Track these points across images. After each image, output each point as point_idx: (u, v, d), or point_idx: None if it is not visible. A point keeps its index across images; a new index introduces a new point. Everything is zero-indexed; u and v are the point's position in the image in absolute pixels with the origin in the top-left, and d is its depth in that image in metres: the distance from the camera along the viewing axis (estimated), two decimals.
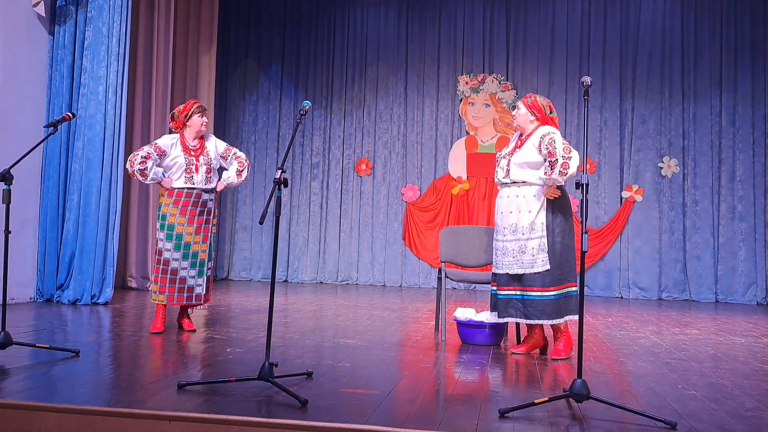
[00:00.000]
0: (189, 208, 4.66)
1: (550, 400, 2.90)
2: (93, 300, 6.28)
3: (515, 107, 4.33)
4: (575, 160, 3.96)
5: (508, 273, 4.18)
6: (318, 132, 10.25)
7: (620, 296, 9.34)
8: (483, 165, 9.70)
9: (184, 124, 4.74)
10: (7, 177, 3.66)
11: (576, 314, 4.08)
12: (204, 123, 4.76)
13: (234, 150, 4.92)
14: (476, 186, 9.77)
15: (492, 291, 4.34)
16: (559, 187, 4.14)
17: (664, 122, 9.45)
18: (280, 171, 3.18)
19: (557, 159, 3.95)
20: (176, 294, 4.66)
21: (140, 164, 4.61)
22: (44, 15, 6.42)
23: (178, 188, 4.68)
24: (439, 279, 4.94)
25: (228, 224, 10.33)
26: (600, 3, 9.71)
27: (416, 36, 10.13)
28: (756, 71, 9.24)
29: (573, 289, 4.14)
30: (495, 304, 4.30)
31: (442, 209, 9.82)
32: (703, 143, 9.34)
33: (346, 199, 10.13)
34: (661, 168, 9.39)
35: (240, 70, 10.46)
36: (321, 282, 10.03)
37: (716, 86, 9.36)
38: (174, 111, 4.79)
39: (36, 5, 6.28)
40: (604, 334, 5.38)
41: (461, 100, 9.92)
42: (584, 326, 3.00)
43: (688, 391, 3.35)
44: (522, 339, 4.51)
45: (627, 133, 9.53)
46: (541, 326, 4.32)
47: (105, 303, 6.29)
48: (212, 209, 4.81)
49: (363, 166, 10.08)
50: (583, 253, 2.91)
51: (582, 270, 3.06)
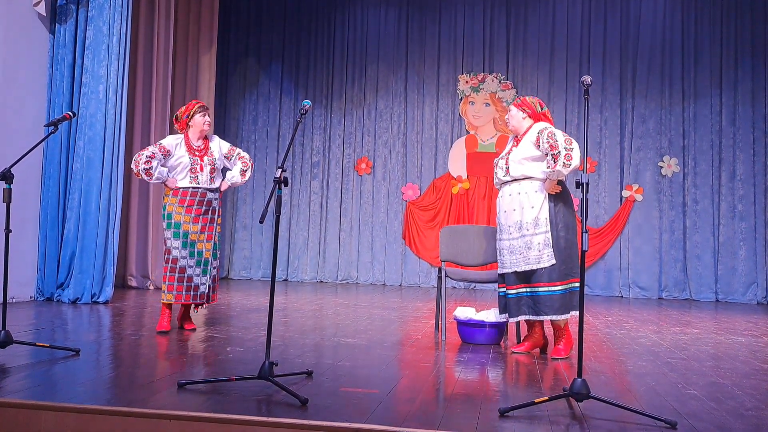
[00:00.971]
0: (194, 207, 4.68)
1: (550, 400, 2.90)
2: (93, 299, 6.28)
3: (508, 111, 4.34)
4: (577, 151, 3.97)
5: (516, 271, 4.16)
6: (318, 131, 10.25)
7: (620, 295, 9.34)
8: (483, 164, 9.70)
9: (187, 125, 4.76)
10: (8, 176, 3.66)
11: (578, 309, 4.08)
12: (207, 122, 4.76)
13: (238, 150, 4.93)
14: (476, 185, 9.77)
15: (500, 292, 4.32)
16: (560, 183, 4.14)
17: (665, 121, 9.45)
18: (281, 170, 3.18)
19: (560, 151, 3.96)
20: (183, 293, 4.67)
21: (145, 164, 4.61)
22: (45, 14, 6.42)
23: (183, 188, 4.70)
24: (439, 278, 4.94)
25: (228, 223, 10.34)
26: (600, 2, 9.70)
27: (416, 35, 10.12)
28: (756, 70, 9.24)
29: (576, 285, 4.13)
30: (505, 305, 4.27)
31: (442, 208, 9.83)
32: (704, 142, 9.34)
33: (346, 198, 10.13)
34: (662, 167, 9.39)
35: (240, 70, 10.46)
36: (321, 281, 10.03)
37: (716, 85, 9.36)
38: (177, 113, 4.81)
39: (36, 4, 6.28)
40: (605, 334, 5.38)
41: (461, 99, 9.92)
42: (584, 325, 3.00)
43: (688, 391, 3.35)
44: (522, 338, 4.52)
45: (627, 133, 9.53)
46: (542, 325, 4.32)
47: (105, 302, 6.29)
48: (217, 209, 4.83)
49: (363, 165, 10.08)
50: (583, 252, 2.91)
51: (582, 269, 3.06)
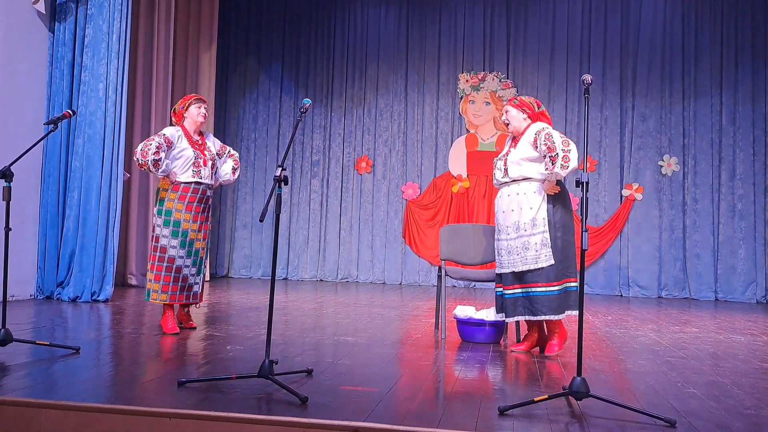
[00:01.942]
0: (195, 204, 4.57)
1: (550, 398, 2.90)
2: (93, 297, 6.29)
3: (506, 111, 4.33)
4: (575, 152, 3.96)
5: (513, 271, 4.17)
6: (318, 130, 10.25)
7: (620, 294, 9.35)
8: (483, 163, 9.70)
9: (183, 116, 4.67)
10: (8, 174, 3.65)
11: (575, 309, 4.11)
12: (202, 114, 4.64)
13: (228, 148, 4.89)
14: (476, 184, 9.77)
15: (498, 292, 4.33)
16: (559, 183, 4.14)
17: (665, 121, 9.45)
18: (281, 169, 3.19)
19: (557, 153, 3.95)
20: (178, 293, 4.58)
21: (155, 154, 4.38)
22: (44, 12, 6.42)
23: (185, 183, 4.55)
24: (439, 277, 4.94)
25: (228, 222, 10.34)
26: (601, 1, 9.70)
27: (416, 34, 10.12)
28: (756, 70, 9.24)
29: (573, 284, 4.15)
30: (502, 305, 4.28)
31: (442, 207, 9.83)
32: (704, 142, 9.35)
33: (347, 197, 10.13)
34: (662, 166, 9.39)
35: (240, 68, 10.45)
36: (321, 280, 10.03)
37: (716, 85, 9.36)
38: (175, 105, 4.76)
39: (36, 2, 6.28)
40: (604, 333, 5.39)
41: (461, 98, 9.92)
42: (584, 324, 3.00)
43: (688, 389, 3.35)
44: (522, 337, 4.52)
45: (627, 132, 9.53)
46: (542, 324, 4.33)
47: (105, 300, 6.30)
48: (211, 206, 4.79)
49: (363, 164, 10.08)
50: (583, 251, 2.91)
51: (582, 268, 3.06)
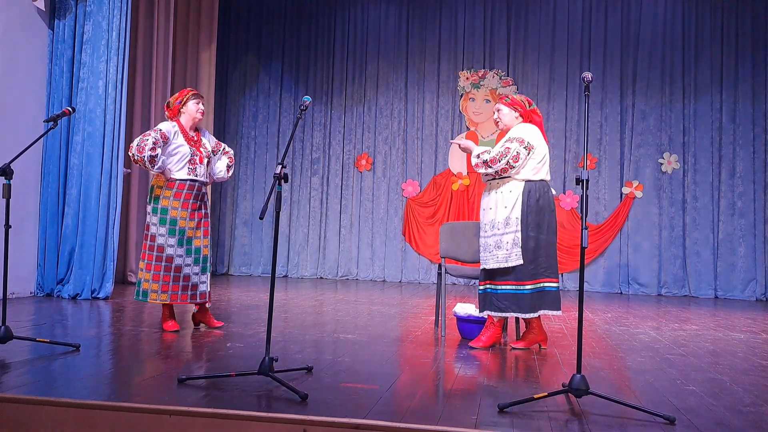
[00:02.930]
0: (191, 202, 4.47)
1: (549, 395, 2.90)
2: (93, 295, 6.29)
3: (497, 110, 4.40)
4: (501, 164, 4.11)
5: (485, 268, 4.26)
6: (318, 127, 10.25)
7: (620, 292, 9.35)
8: None
9: (179, 111, 4.54)
10: (8, 171, 3.65)
11: (552, 309, 4.20)
12: (200, 110, 4.56)
13: (223, 145, 4.83)
14: (476, 182, 9.77)
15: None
16: (540, 183, 4.21)
17: (665, 118, 9.45)
18: (281, 166, 3.18)
19: (500, 161, 4.10)
20: (180, 292, 4.45)
21: (151, 150, 4.28)
22: (44, 9, 6.42)
23: (180, 180, 4.45)
24: (439, 274, 4.95)
25: (228, 219, 10.34)
26: None
27: (417, 31, 10.11)
28: (757, 68, 9.24)
29: (551, 285, 4.19)
30: (478, 300, 4.40)
31: (443, 205, 9.83)
32: (704, 139, 9.34)
33: (347, 195, 10.13)
34: (662, 164, 9.39)
35: (240, 66, 10.45)
36: (321, 277, 10.04)
37: (717, 82, 9.36)
38: (169, 99, 4.64)
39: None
40: (604, 330, 5.39)
41: (462, 96, 9.92)
42: (584, 322, 3.00)
43: (687, 387, 3.36)
44: (521, 334, 4.53)
45: (627, 129, 9.53)
46: (539, 320, 4.34)
47: (105, 298, 6.30)
48: (207, 203, 4.69)
49: (363, 162, 10.08)
50: (583, 249, 2.91)
51: (582, 266, 3.06)
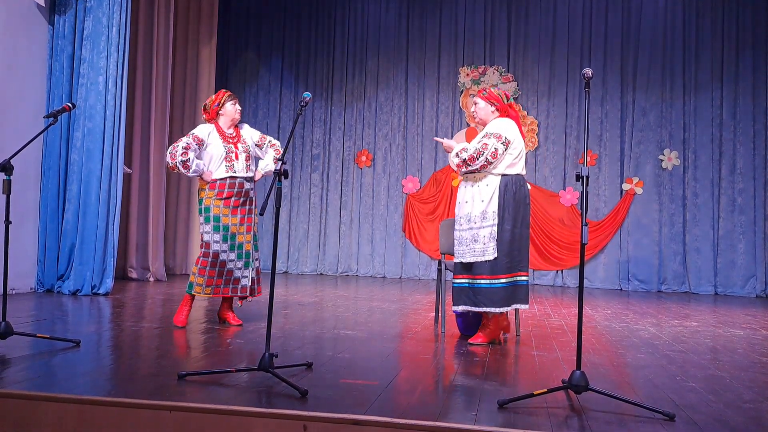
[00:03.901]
0: (232, 198, 4.54)
1: (549, 392, 2.90)
2: (93, 290, 6.29)
3: (474, 103, 4.41)
4: (481, 161, 4.12)
5: (462, 261, 4.27)
6: (318, 124, 10.24)
7: (620, 288, 9.35)
8: None
9: (218, 114, 4.64)
10: (8, 167, 3.66)
11: (524, 303, 4.24)
12: (238, 110, 4.66)
13: (269, 138, 4.83)
14: None
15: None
16: (516, 177, 4.24)
17: (665, 115, 9.44)
18: (281, 162, 3.18)
19: (478, 157, 4.11)
20: (222, 286, 4.56)
21: (182, 155, 4.40)
22: (44, 5, 6.40)
23: (220, 179, 4.53)
24: (439, 271, 4.95)
25: None
26: None
27: (417, 27, 10.10)
28: (757, 64, 9.22)
29: (522, 278, 4.23)
30: (452, 294, 4.41)
31: (443, 201, 9.82)
32: (704, 136, 9.33)
33: (347, 191, 10.13)
34: (662, 160, 9.39)
35: (240, 62, 10.44)
36: (321, 273, 10.04)
37: (717, 79, 9.34)
38: (206, 102, 4.72)
39: None
40: (604, 326, 5.39)
41: (462, 92, 9.90)
42: (583, 318, 3.01)
43: (687, 383, 3.36)
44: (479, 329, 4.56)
45: (628, 126, 9.52)
46: (497, 314, 4.32)
47: (105, 293, 6.30)
48: (253, 199, 4.72)
49: (363, 158, 10.08)
50: (583, 246, 2.91)
51: (582, 262, 3.06)
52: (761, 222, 9.07)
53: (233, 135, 4.65)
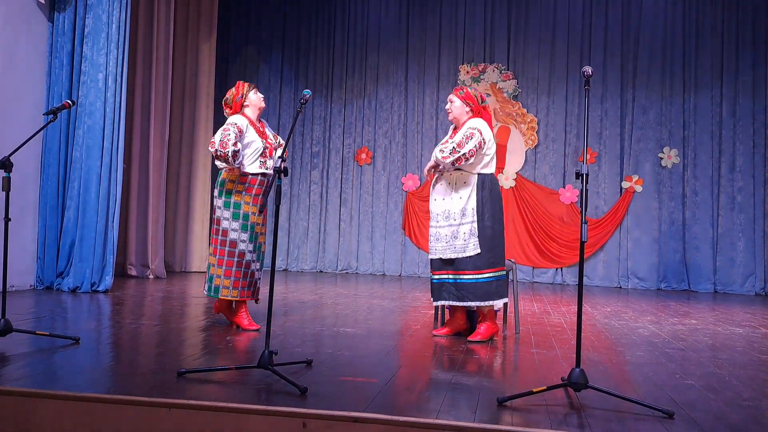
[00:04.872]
0: (260, 197, 4.37)
1: (549, 389, 2.91)
2: (93, 288, 6.29)
3: (450, 101, 4.45)
4: (468, 161, 4.18)
5: (442, 258, 4.32)
6: (318, 121, 10.24)
7: (619, 286, 9.36)
8: None
9: (242, 106, 4.46)
10: (7, 164, 3.65)
11: (505, 297, 4.32)
12: (261, 98, 4.50)
13: (279, 137, 4.72)
14: None
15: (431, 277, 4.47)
16: (491, 176, 4.31)
17: (665, 113, 9.44)
18: (280, 160, 3.19)
19: (460, 152, 4.14)
20: (247, 288, 4.42)
21: (234, 145, 4.20)
22: (44, 2, 6.39)
23: (252, 174, 4.37)
24: None
25: None
26: None
27: (417, 25, 10.09)
28: (757, 62, 9.22)
29: (502, 273, 4.30)
30: (431, 289, 4.43)
31: None
32: (704, 134, 9.33)
33: (346, 189, 10.13)
34: (662, 158, 9.38)
35: (240, 59, 10.43)
36: (321, 271, 10.04)
37: (717, 77, 9.34)
38: (226, 97, 4.53)
39: None
40: (603, 324, 5.40)
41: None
42: (583, 316, 3.01)
43: (686, 381, 3.36)
44: (444, 322, 4.63)
45: (627, 124, 9.52)
46: (463, 310, 4.43)
47: (105, 291, 6.30)
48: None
49: (363, 156, 10.07)
50: (582, 243, 2.91)
51: (581, 260, 3.06)
52: (761, 220, 9.07)
53: (262, 130, 4.49)
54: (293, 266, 10.14)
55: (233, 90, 4.53)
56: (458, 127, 4.39)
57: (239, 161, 4.30)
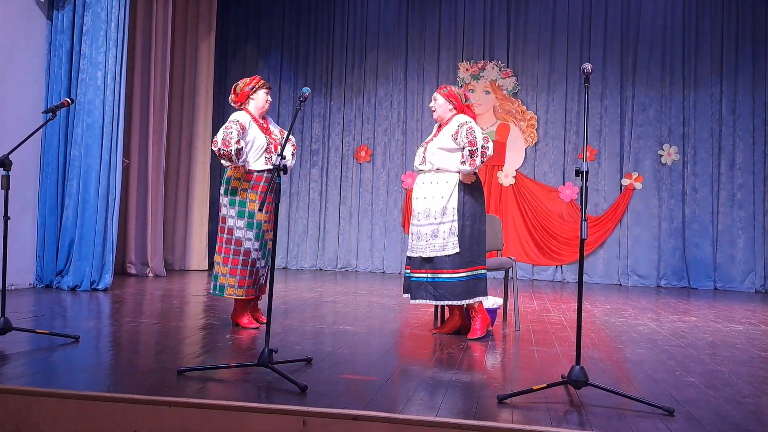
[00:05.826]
0: (266, 194, 4.25)
1: (549, 387, 2.91)
2: (92, 286, 6.29)
3: (434, 99, 4.45)
4: (491, 148, 4.18)
5: (421, 256, 4.32)
6: (317, 119, 10.23)
7: (619, 284, 9.36)
8: None
9: (248, 98, 4.39)
10: (6, 163, 3.65)
11: (484, 295, 4.30)
12: (268, 101, 4.45)
13: (286, 132, 4.61)
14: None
15: (406, 274, 4.46)
16: (474, 174, 4.31)
17: (665, 110, 9.43)
18: (280, 158, 3.18)
19: (478, 148, 4.12)
20: (252, 286, 4.37)
21: (237, 143, 4.14)
22: (42, 0, 6.38)
23: (258, 171, 4.32)
24: None
25: None
26: None
27: (416, 22, 10.08)
28: (757, 59, 9.20)
29: (482, 272, 4.29)
30: (408, 287, 4.43)
31: None
32: (703, 131, 9.32)
33: (346, 186, 10.12)
34: (661, 155, 9.38)
35: (239, 56, 10.41)
36: (320, 269, 10.04)
37: (717, 74, 9.33)
38: (237, 83, 4.45)
39: None
40: (603, 322, 5.40)
41: (461, 87, 9.88)
42: (583, 313, 3.01)
43: (686, 378, 3.36)
44: (445, 321, 4.63)
45: (627, 121, 9.51)
46: (462, 308, 4.42)
47: (104, 289, 6.30)
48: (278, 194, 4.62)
49: (363, 153, 10.06)
50: (582, 241, 2.91)
51: (581, 257, 3.06)
52: (761, 217, 9.07)
53: (265, 126, 4.43)
54: (293, 264, 10.14)
55: (247, 80, 4.46)
56: (442, 125, 4.39)
57: (243, 159, 4.25)
